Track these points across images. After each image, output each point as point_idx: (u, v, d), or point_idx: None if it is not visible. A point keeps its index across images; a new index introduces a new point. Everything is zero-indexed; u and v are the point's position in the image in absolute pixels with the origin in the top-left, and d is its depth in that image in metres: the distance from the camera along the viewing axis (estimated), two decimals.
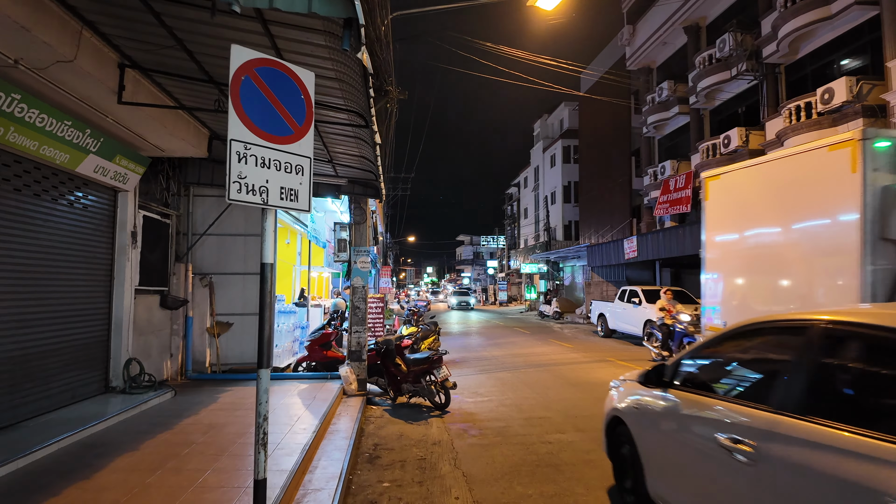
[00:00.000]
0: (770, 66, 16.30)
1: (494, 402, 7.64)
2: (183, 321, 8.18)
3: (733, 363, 3.26)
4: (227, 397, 6.79)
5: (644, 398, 3.71)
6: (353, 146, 6.18)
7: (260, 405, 2.92)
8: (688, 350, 3.57)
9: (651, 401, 3.59)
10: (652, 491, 3.45)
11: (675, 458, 3.22)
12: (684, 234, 16.93)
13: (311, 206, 2.98)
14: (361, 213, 8.28)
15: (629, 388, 4.07)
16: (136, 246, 6.87)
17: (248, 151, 2.69)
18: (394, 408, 7.48)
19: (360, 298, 8.18)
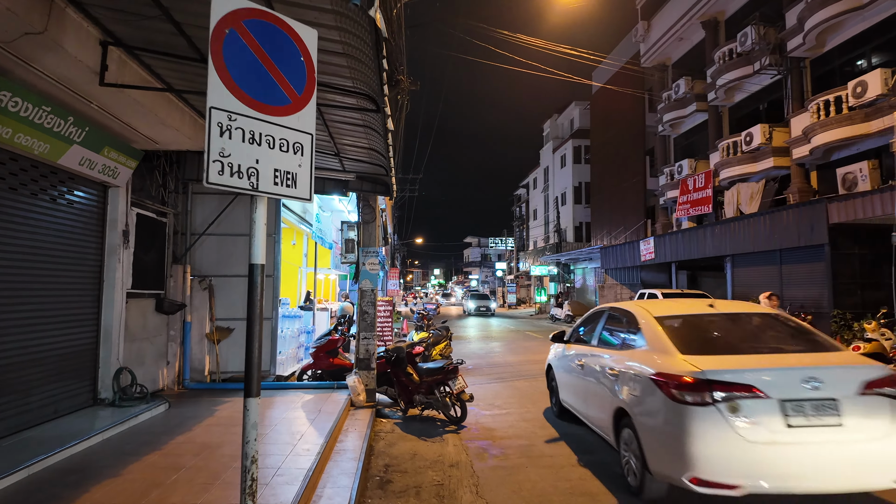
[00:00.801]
0: (795, 60, 15.63)
1: (514, 415, 7.07)
2: (180, 326, 7.67)
3: (585, 327, 6.33)
4: (226, 410, 6.26)
5: (556, 350, 7.04)
6: (361, 137, 5.64)
7: (247, 444, 2.36)
8: (575, 324, 6.74)
9: (557, 351, 6.95)
10: (561, 399, 6.56)
11: (565, 377, 6.42)
12: (704, 236, 16.29)
13: (312, 193, 2.44)
14: (370, 212, 7.74)
15: (553, 347, 7.23)
16: (128, 246, 6.37)
17: (232, 123, 2.15)
18: (405, 421, 6.92)
19: (368, 303, 7.64)
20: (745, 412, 3.55)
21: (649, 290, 15.23)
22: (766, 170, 16.36)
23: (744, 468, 3.48)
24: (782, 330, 4.54)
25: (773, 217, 13.09)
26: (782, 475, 3.46)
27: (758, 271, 14.49)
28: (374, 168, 6.79)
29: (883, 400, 3.61)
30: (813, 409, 3.57)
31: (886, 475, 3.47)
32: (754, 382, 3.60)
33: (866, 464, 3.50)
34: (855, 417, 3.56)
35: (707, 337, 4.44)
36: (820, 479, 3.48)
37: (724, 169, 17.75)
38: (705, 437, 3.54)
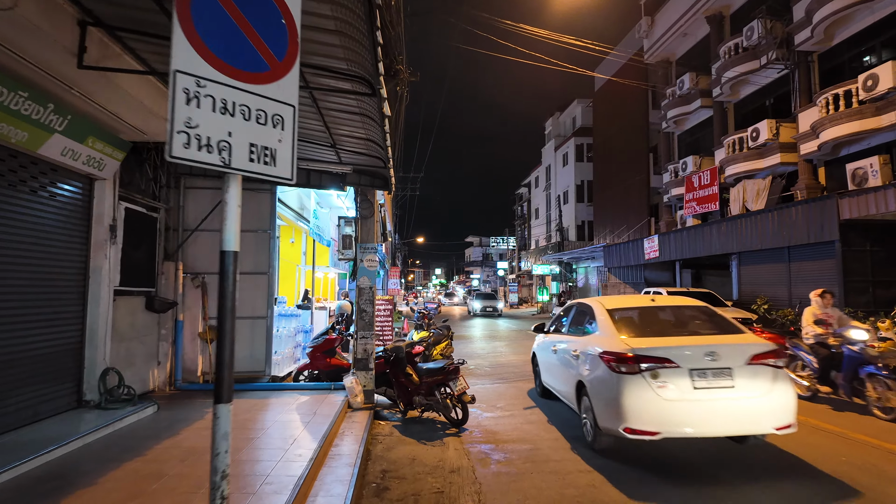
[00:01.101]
0: (802, 54, 15.33)
1: (518, 417, 6.80)
2: (172, 325, 7.42)
3: (563, 320, 7.22)
4: None
5: (538, 339, 8.08)
6: (358, 126, 5.38)
7: (216, 457, 2.11)
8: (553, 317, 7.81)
9: (539, 340, 7.97)
10: (543, 380, 7.59)
11: (544, 361, 7.48)
12: (710, 233, 16.01)
13: (294, 173, 2.17)
14: (368, 206, 7.48)
15: (537, 337, 8.22)
16: (115, 241, 6.11)
17: (201, 90, 1.89)
18: (404, 423, 6.66)
19: (366, 301, 7.38)
20: (663, 378, 4.71)
21: (654, 289, 14.94)
22: (773, 166, 16.07)
23: (661, 420, 4.62)
24: (702, 318, 5.66)
25: (782, 214, 12.80)
26: (689, 424, 4.63)
27: (765, 269, 14.21)
28: (371, 161, 6.53)
29: (766, 368, 4.77)
30: (713, 376, 4.73)
31: (768, 423, 4.66)
32: (670, 356, 4.77)
33: (752, 414, 4.68)
34: (744, 381, 4.71)
35: (643, 324, 5.69)
36: (717, 425, 4.66)
37: (729, 165, 17.46)
38: (634, 398, 4.70)
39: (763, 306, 12.82)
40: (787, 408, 4.71)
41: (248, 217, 7.93)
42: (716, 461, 5.06)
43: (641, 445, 5.29)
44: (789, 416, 4.70)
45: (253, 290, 7.85)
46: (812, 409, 6.97)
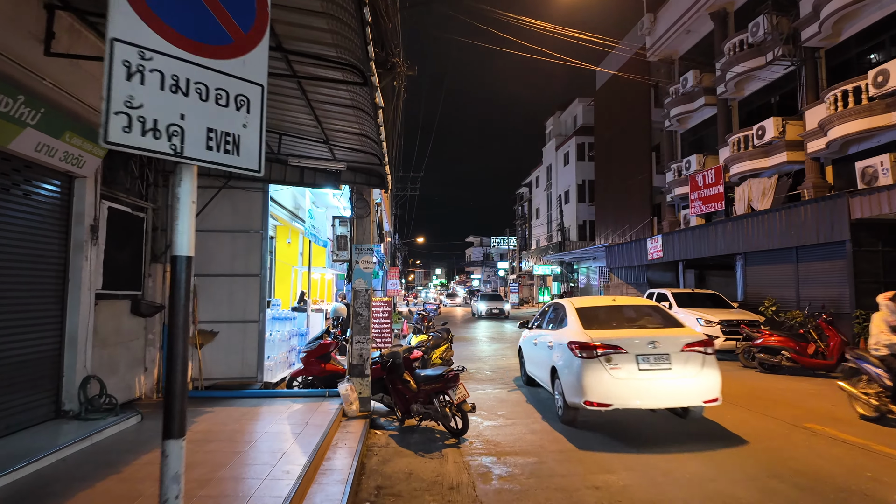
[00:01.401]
0: (809, 50, 15.04)
1: (520, 426, 6.50)
2: (160, 330, 7.12)
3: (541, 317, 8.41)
4: (203, 423, 5.70)
5: (523, 334, 9.23)
6: (351, 120, 5.08)
7: (166, 502, 1.78)
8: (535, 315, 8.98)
9: (524, 335, 9.10)
10: (527, 370, 8.72)
11: (528, 353, 8.66)
12: (715, 233, 15.70)
13: (262, 165, 1.88)
14: (364, 205, 7.17)
15: (522, 332, 9.38)
16: (97, 242, 5.81)
17: (146, 63, 1.60)
18: (401, 433, 6.36)
19: (362, 304, 7.07)
20: (615, 362, 5.88)
21: (658, 290, 14.63)
22: (779, 164, 15.77)
23: (613, 395, 5.79)
24: (652, 315, 6.97)
25: (790, 213, 12.49)
26: (636, 398, 5.81)
27: (772, 270, 13.90)
28: (366, 157, 6.23)
29: (696, 354, 5.95)
30: (654, 360, 5.88)
31: (698, 397, 5.87)
32: (620, 344, 5.94)
33: (685, 390, 5.89)
34: (679, 364, 5.87)
35: (603, 319, 6.83)
36: (658, 399, 5.89)
37: (734, 164, 17.17)
38: (592, 377, 5.86)
39: (771, 308, 12.51)
40: (714, 385, 5.94)
41: (239, 217, 7.65)
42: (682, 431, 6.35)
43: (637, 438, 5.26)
44: (715, 392, 5.94)
45: (244, 293, 7.56)
46: (879, 434, 5.90)
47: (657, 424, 6.47)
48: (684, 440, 5.82)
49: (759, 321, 11.96)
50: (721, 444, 5.63)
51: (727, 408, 7.12)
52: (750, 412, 6.95)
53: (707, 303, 13.42)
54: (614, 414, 6.55)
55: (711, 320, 12.01)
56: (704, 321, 12.07)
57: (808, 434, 5.91)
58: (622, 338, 6.04)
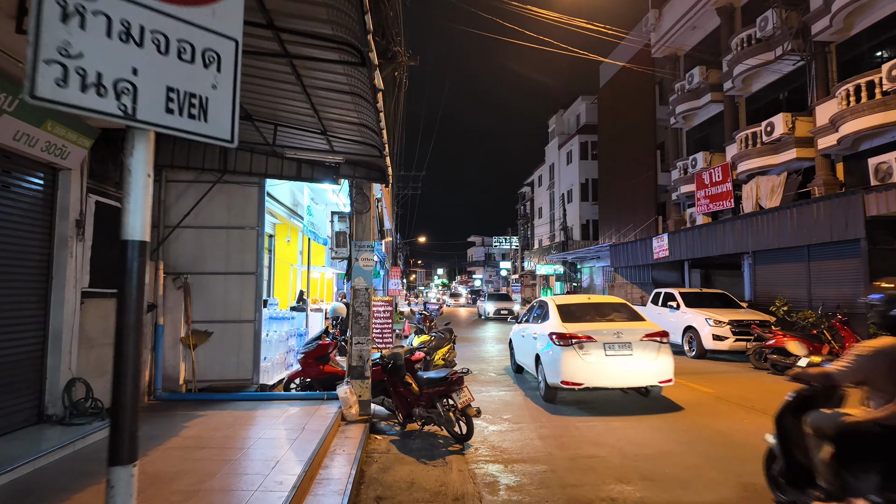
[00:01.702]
0: (819, 44, 14.70)
1: (527, 430, 6.20)
2: (151, 330, 6.85)
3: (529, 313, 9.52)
4: (195, 427, 5.42)
5: (514, 328, 10.12)
6: (349, 107, 4.79)
7: None
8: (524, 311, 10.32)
9: (514, 329, 10.03)
10: (516, 359, 9.80)
11: (517, 344, 9.68)
12: (723, 232, 15.39)
13: (235, 134, 1.60)
14: (364, 201, 6.89)
15: (513, 327, 10.40)
16: (83, 238, 5.54)
17: (89, 4, 1.31)
18: (403, 437, 6.08)
19: (362, 303, 6.79)
20: (586, 349, 7.08)
21: (665, 290, 14.32)
22: (788, 161, 15.44)
23: (584, 375, 6.98)
24: (619, 311, 8.16)
25: (802, 210, 12.18)
26: (603, 378, 7.01)
27: (783, 269, 13.58)
28: (366, 150, 5.94)
29: (653, 342, 7.19)
30: (619, 347, 7.11)
31: (655, 378, 7.11)
32: (591, 334, 7.16)
33: (644, 373, 7.09)
34: (639, 351, 7.10)
35: (579, 314, 7.98)
36: (621, 380, 7.08)
37: (742, 161, 16.84)
38: (567, 362, 7.06)
39: (782, 308, 12.19)
40: (668, 368, 7.21)
41: (234, 213, 7.37)
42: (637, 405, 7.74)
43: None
44: (669, 374, 7.21)
45: (239, 292, 7.28)
46: None
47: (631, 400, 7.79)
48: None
49: (769, 321, 11.65)
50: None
51: (747, 413, 6.82)
52: (767, 416, 6.60)
53: (716, 303, 13.11)
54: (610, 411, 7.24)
55: (721, 320, 11.70)
56: (714, 321, 11.77)
57: None
58: (593, 329, 7.32)
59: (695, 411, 7.00)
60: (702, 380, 9.32)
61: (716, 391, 8.24)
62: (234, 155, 7.04)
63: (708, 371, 10.41)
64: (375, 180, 6.81)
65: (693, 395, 8.05)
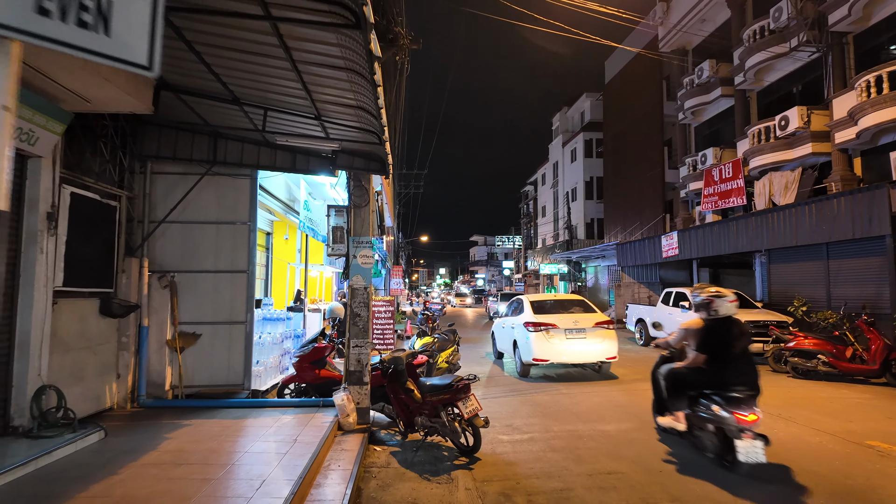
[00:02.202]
0: (836, 35, 14.20)
1: (539, 442, 5.72)
2: (135, 332, 6.39)
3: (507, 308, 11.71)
4: (177, 439, 4.96)
5: (495, 322, 12.52)
6: (345, 87, 4.33)
7: None
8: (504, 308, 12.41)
9: (495, 323, 12.42)
10: (497, 347, 11.99)
11: (498, 335, 11.85)
12: (735, 229, 14.87)
13: (155, 59, 1.13)
14: (363, 193, 6.42)
15: (494, 321, 12.86)
16: (55, 232, 5.09)
17: None
18: (404, 449, 5.61)
19: (360, 303, 6.32)
20: (551, 334, 9.23)
21: (677, 290, 13.83)
22: (803, 157, 14.93)
23: (550, 354, 9.16)
24: (578, 305, 10.48)
25: (821, 207, 11.66)
26: (564, 356, 9.18)
27: (799, 268, 13.07)
28: (364, 136, 5.48)
29: (602, 329, 9.41)
30: (576, 332, 9.28)
31: (602, 355, 9.26)
32: (555, 322, 9.36)
33: (595, 351, 9.25)
34: (591, 335, 9.29)
35: (546, 308, 10.13)
36: (578, 357, 9.28)
37: (754, 157, 16.33)
38: (537, 344, 9.18)
39: (801, 308, 11.68)
40: (613, 348, 9.35)
41: (224, 207, 6.91)
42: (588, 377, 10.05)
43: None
44: (614, 352, 9.35)
45: (230, 291, 6.82)
46: None
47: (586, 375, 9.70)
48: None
49: (787, 322, 11.15)
50: None
51: (774, 421, 6.33)
52: (797, 425, 6.16)
53: None
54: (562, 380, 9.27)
55: None
56: None
57: (876, 455, 5.12)
58: (556, 319, 9.56)
59: None
60: None
61: None
62: (225, 145, 6.59)
63: None
64: (375, 172, 6.35)
65: None
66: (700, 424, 4.90)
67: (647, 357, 12.39)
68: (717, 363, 4.85)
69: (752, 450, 4.33)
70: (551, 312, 9.86)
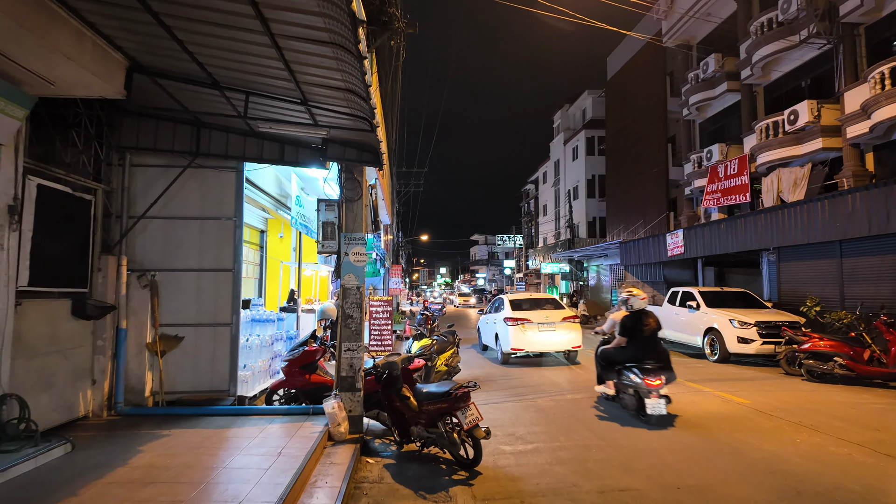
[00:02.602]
0: (848, 26, 13.75)
1: (545, 454, 5.31)
2: (112, 335, 5.99)
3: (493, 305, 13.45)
4: (151, 452, 4.55)
5: (481, 318, 14.32)
6: (330, 64, 3.91)
7: None
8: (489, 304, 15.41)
9: (480, 319, 14.35)
10: (482, 341, 13.77)
11: (483, 329, 13.54)
12: (743, 227, 14.44)
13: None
14: (355, 186, 6.01)
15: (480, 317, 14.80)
16: (18, 227, 4.68)
17: None
18: (399, 461, 5.21)
19: (353, 304, 5.91)
20: (527, 327, 10.92)
21: (684, 289, 13.41)
22: (813, 152, 14.49)
23: (525, 343, 10.91)
24: (550, 303, 12.07)
25: (834, 203, 11.24)
26: (536, 345, 11.00)
27: (810, 266, 12.66)
28: (354, 122, 5.06)
29: (569, 322, 11.15)
30: (547, 326, 10.95)
31: (569, 344, 11.10)
32: (530, 318, 11.04)
33: (563, 341, 11.06)
34: (560, 328, 11.03)
35: (524, 306, 11.59)
36: (548, 346, 11.11)
37: (762, 153, 15.89)
38: (515, 335, 10.88)
39: (814, 308, 11.25)
40: (578, 338, 11.10)
41: (208, 202, 6.51)
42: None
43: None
44: (578, 342, 11.09)
45: (214, 291, 6.42)
46: None
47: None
48: None
49: (799, 323, 10.73)
50: None
51: (796, 431, 5.91)
52: (821, 434, 5.74)
53: (738, 302, 12.20)
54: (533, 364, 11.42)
55: (747, 322, 10.79)
56: (738, 322, 10.86)
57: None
58: (531, 314, 11.19)
59: (735, 427, 6.09)
60: (731, 388, 8.41)
61: (752, 402, 7.33)
62: (209, 135, 6.20)
63: (735, 377, 9.50)
64: (368, 163, 5.94)
65: (727, 407, 7.15)
66: (623, 389, 6.62)
67: None
68: (634, 343, 6.62)
69: (657, 406, 6.01)
70: (527, 309, 11.47)
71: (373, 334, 12.22)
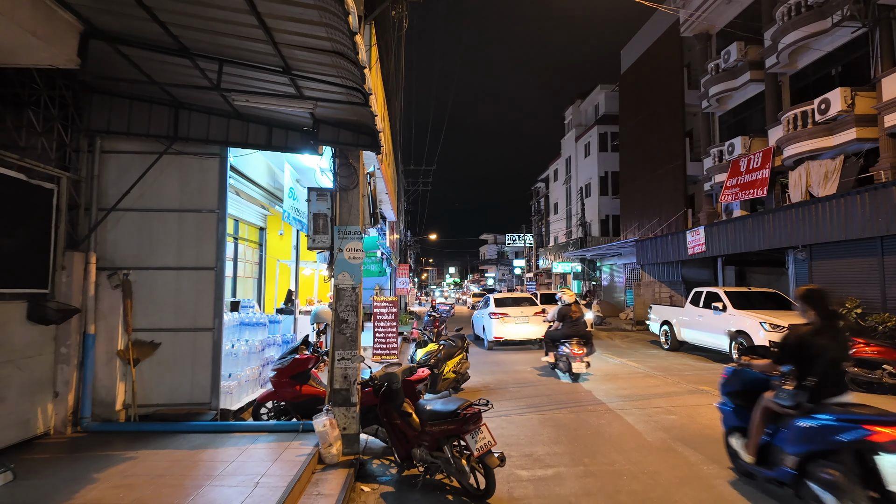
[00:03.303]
0: (884, 8, 12.83)
1: (568, 480, 4.57)
2: (77, 341, 5.33)
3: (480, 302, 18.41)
4: (105, 482, 3.87)
5: (474, 312, 18.81)
6: (312, 15, 3.20)
7: None
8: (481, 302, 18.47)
9: (474, 314, 18.28)
10: (475, 332, 16.78)
11: (476, 322, 16.79)
12: (770, 223, 13.58)
13: None
14: (350, 174, 5.31)
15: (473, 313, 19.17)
16: None
17: None
18: (399, 488, 4.49)
19: (348, 307, 5.21)
20: (506, 320, 13.86)
21: (708, 289, 12.57)
22: (846, 143, 13.58)
23: (504, 333, 13.84)
24: (527, 301, 14.92)
25: (875, 196, 10.37)
26: (513, 335, 13.84)
27: (846, 265, 11.78)
28: (347, 95, 4.34)
29: (538, 316, 13.81)
30: (522, 319, 13.88)
31: (538, 335, 13.36)
32: (508, 312, 14.03)
33: (534, 332, 13.72)
34: (532, 321, 13.79)
35: (506, 303, 14.63)
36: (522, 335, 13.91)
37: (789, 145, 14.99)
38: (497, 327, 13.83)
39: (855, 310, 10.38)
40: (539, 330, 13.02)
41: (188, 192, 5.84)
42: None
43: None
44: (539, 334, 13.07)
45: (195, 292, 5.74)
46: None
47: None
48: None
49: None
50: None
51: None
52: None
53: (767, 304, 11.36)
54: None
55: (779, 325, 9.95)
56: (770, 325, 10.02)
57: None
58: (510, 310, 13.88)
59: None
60: None
61: None
62: (188, 117, 5.53)
63: None
64: (364, 146, 5.23)
65: None
66: (560, 359, 9.36)
67: (666, 366, 11.19)
68: (566, 326, 9.48)
69: (580, 368, 8.89)
70: (508, 306, 14.28)
71: (377, 337, 11.55)
